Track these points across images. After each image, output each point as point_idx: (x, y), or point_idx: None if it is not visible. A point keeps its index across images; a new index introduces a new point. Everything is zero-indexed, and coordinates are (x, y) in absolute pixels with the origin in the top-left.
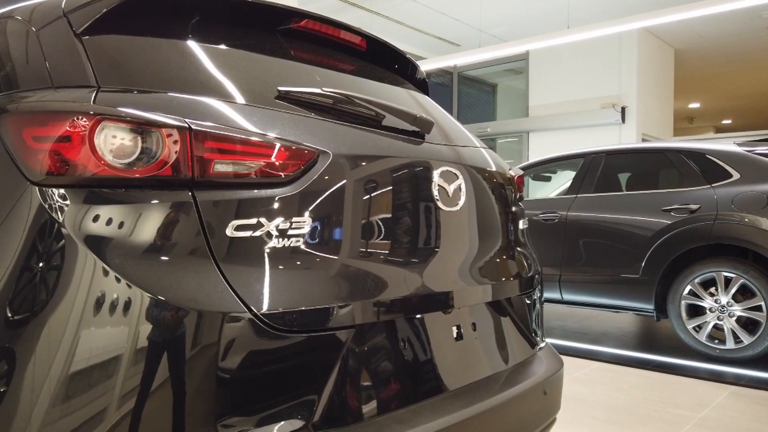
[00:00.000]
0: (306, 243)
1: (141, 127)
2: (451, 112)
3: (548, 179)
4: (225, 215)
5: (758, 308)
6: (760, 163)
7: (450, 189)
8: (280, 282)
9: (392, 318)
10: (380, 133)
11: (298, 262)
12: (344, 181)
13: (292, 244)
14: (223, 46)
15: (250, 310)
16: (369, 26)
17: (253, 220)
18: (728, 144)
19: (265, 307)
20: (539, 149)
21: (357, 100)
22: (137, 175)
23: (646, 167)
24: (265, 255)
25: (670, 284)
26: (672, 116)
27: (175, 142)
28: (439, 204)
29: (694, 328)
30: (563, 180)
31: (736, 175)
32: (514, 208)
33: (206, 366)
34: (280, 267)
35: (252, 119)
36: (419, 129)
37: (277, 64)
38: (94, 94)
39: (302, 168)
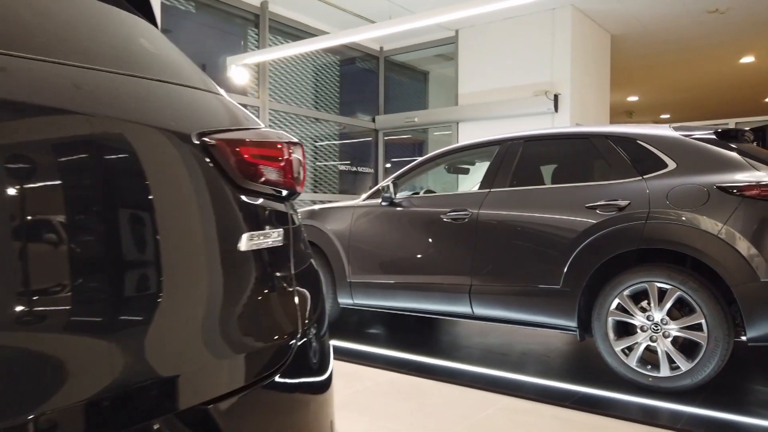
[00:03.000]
0: None
1: None
2: (377, 99)
3: (467, 171)
4: None
5: (698, 327)
6: (701, 149)
7: None
8: None
9: None
10: None
11: None
12: None
13: None
14: None
15: None
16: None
17: None
18: (663, 128)
19: None
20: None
21: None
22: None
23: (569, 156)
24: None
25: (595, 297)
26: (608, 106)
27: None
28: None
29: (622, 350)
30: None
31: (671, 165)
32: (213, 207)
33: None
34: None
35: None
36: None
37: None
38: None
39: None
